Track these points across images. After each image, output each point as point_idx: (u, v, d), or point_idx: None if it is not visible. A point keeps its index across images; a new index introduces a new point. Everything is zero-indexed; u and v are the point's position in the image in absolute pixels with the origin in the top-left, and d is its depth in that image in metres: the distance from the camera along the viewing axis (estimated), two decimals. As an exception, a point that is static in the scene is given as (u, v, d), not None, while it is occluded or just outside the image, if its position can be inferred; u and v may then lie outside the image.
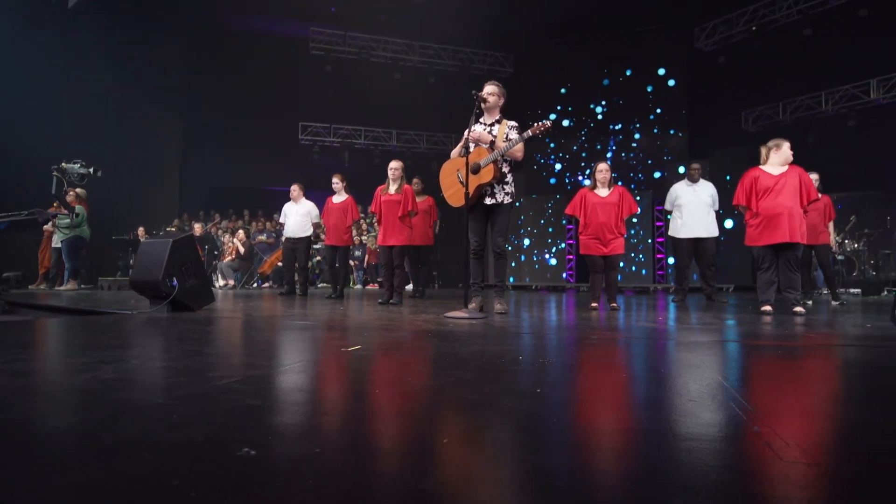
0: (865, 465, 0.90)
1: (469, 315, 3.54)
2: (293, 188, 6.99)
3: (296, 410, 1.22)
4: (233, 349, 2.25)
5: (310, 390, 1.45)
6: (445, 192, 4.17)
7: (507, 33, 12.54)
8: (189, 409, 1.17)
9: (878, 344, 2.42)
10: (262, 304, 4.92)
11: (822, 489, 0.79)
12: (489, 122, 4.13)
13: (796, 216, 4.09)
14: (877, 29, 9.65)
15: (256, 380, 1.49)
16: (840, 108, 10.56)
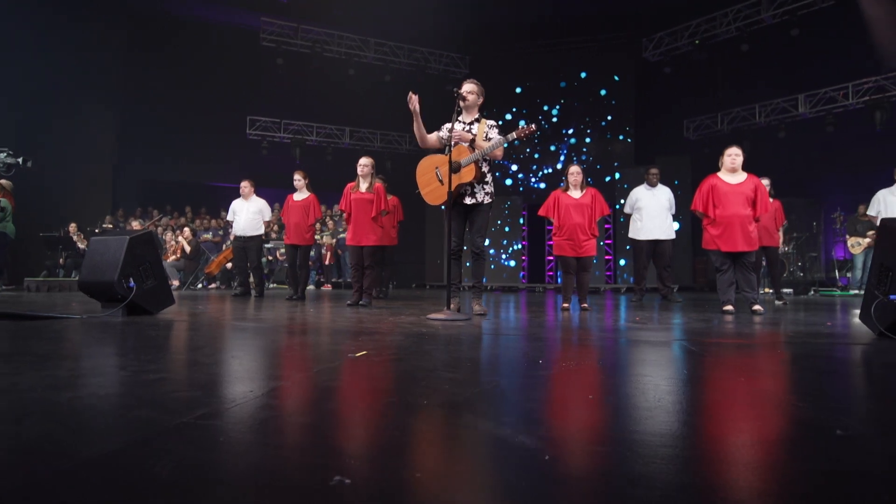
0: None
1: (453, 317, 3.49)
2: (243, 185, 6.68)
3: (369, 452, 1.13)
4: (212, 361, 2.08)
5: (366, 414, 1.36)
6: (423, 189, 4.10)
7: (463, 34, 12.59)
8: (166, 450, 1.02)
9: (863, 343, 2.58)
10: (224, 307, 4.66)
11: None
12: (468, 120, 4.09)
13: (749, 224, 4.32)
14: (806, 48, 10.43)
15: (276, 395, 1.38)
16: (772, 120, 11.32)
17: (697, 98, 12.12)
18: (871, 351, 2.28)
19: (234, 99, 12.72)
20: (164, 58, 12.48)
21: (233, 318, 3.65)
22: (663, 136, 12.49)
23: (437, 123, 14.01)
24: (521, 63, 12.66)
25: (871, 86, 10.01)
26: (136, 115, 12.85)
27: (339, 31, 12.56)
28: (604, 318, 3.93)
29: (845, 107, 10.38)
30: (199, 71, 12.48)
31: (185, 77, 12.46)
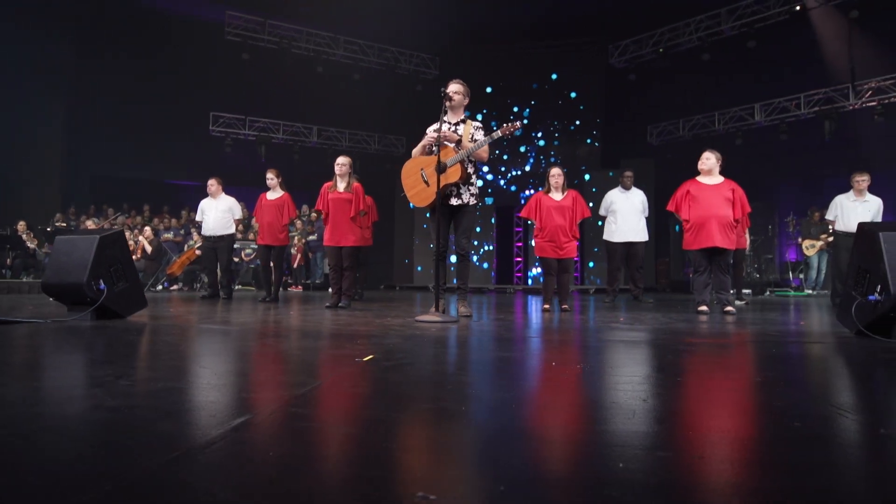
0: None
1: (442, 319, 3.46)
2: (211, 183, 6.45)
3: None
4: (216, 370, 1.99)
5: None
6: (408, 192, 4.05)
7: (434, 35, 12.56)
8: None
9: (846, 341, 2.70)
10: (197, 310, 4.47)
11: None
12: (454, 121, 4.07)
13: (726, 224, 4.48)
14: (762, 59, 10.92)
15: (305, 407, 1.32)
16: (730, 127, 11.79)
17: (661, 105, 12.49)
18: (855, 348, 2.39)
19: (197, 94, 12.28)
20: (122, 48, 11.95)
21: (212, 322, 3.50)
22: (628, 140, 12.82)
23: (408, 123, 14.17)
24: (491, 65, 12.73)
25: (821, 97, 10.58)
26: (90, 107, 12.24)
27: (307, 28, 12.32)
28: (588, 319, 3.98)
29: (797, 116, 10.92)
30: (160, 63, 11.99)
31: (144, 69, 11.95)
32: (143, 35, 11.88)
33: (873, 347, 2.43)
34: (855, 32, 10.12)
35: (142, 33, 11.88)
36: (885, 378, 1.84)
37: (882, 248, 2.57)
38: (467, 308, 4.05)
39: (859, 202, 5.62)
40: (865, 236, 2.74)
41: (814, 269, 9.41)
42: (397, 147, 14.00)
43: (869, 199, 5.62)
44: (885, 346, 2.45)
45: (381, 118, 13.35)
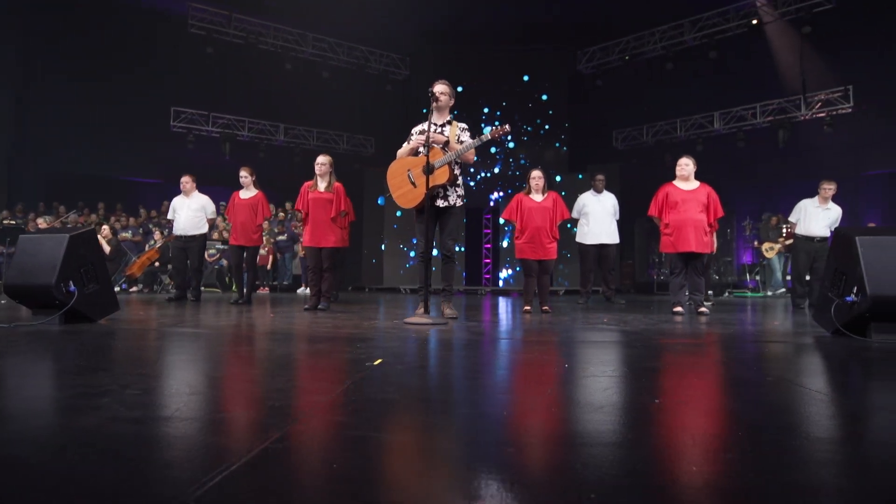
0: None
1: (432, 321, 3.44)
2: (185, 180, 6.21)
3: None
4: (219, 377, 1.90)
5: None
6: (394, 192, 4.01)
7: (404, 35, 12.50)
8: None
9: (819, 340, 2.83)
10: (171, 313, 4.29)
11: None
12: (440, 122, 4.05)
13: (701, 228, 4.64)
14: (722, 69, 11.37)
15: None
16: (691, 134, 12.22)
17: (626, 110, 12.84)
18: (835, 346, 2.51)
19: (158, 88, 11.81)
20: (76, 38, 11.35)
21: (194, 326, 3.36)
22: (594, 144, 13.11)
23: (377, 123, 14.07)
24: (461, 67, 12.74)
25: (776, 107, 11.10)
26: (40, 99, 11.59)
27: (274, 24, 12.04)
28: (573, 320, 4.03)
29: (754, 125, 11.43)
30: (118, 55, 11.46)
31: (100, 61, 11.40)
32: (100, 25, 11.34)
33: (852, 346, 2.56)
34: (807, 47, 10.67)
35: (98, 23, 11.33)
36: (862, 372, 1.94)
37: (859, 252, 2.71)
38: (453, 310, 4.04)
39: (822, 209, 5.91)
40: (842, 240, 2.89)
41: (777, 270, 9.85)
42: (366, 147, 13.86)
43: (831, 207, 5.91)
44: (861, 345, 2.59)
45: (350, 117, 13.20)
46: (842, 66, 10.42)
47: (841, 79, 10.38)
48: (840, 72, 10.43)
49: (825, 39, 10.36)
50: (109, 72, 11.44)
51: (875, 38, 10.00)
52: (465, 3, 11.35)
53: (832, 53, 10.54)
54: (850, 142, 10.57)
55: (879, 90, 9.95)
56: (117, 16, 11.45)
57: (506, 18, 12.15)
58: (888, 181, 10.58)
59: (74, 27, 11.39)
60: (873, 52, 10.03)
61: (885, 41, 9.85)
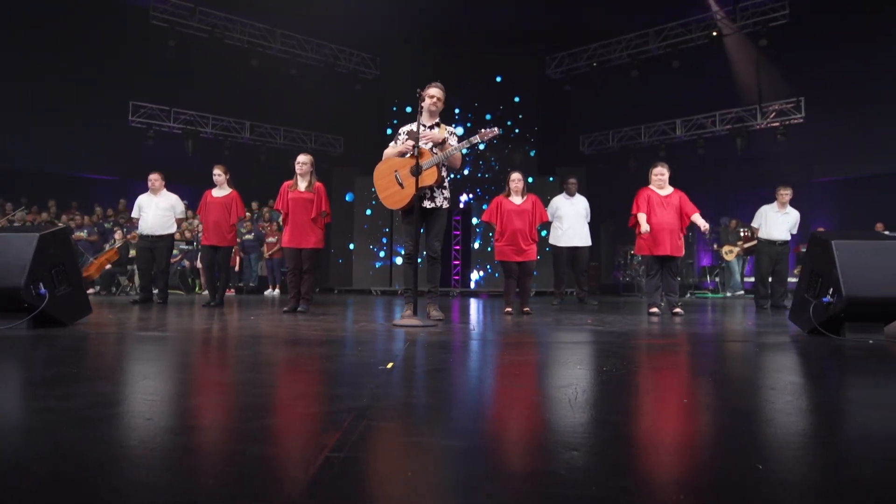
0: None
1: (422, 323, 3.42)
2: (153, 178, 5.96)
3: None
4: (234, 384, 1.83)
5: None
6: (381, 193, 3.97)
7: (374, 34, 12.40)
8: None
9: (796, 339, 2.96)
10: (146, 316, 4.10)
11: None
12: (429, 124, 4.04)
13: (676, 232, 4.79)
14: (684, 78, 11.79)
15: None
16: (654, 140, 12.61)
17: (592, 116, 13.13)
18: (813, 344, 2.64)
19: (115, 81, 11.28)
20: (30, 27, 10.73)
21: (178, 330, 3.23)
22: (562, 148, 13.35)
23: (346, 122, 13.91)
24: (431, 68, 12.71)
25: (734, 116, 11.60)
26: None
27: (241, 18, 11.72)
28: (558, 321, 4.09)
29: (713, 132, 11.90)
30: (75, 46, 10.89)
31: (54, 51, 10.81)
32: (56, 14, 10.75)
33: (829, 344, 2.69)
34: (762, 59, 11.20)
35: (54, 12, 10.75)
36: (841, 368, 2.05)
37: (835, 256, 2.86)
38: (438, 311, 4.02)
39: (781, 213, 6.20)
40: (818, 243, 3.03)
41: (736, 272, 10.28)
42: (334, 147, 13.67)
43: (789, 212, 6.22)
44: (837, 344, 2.73)
45: (319, 116, 12.98)
46: (795, 78, 10.99)
47: (794, 90, 10.94)
48: (793, 83, 10.99)
49: (780, 52, 10.91)
50: (64, 63, 10.87)
51: (826, 53, 10.58)
52: (435, 5, 11.36)
53: (786, 66, 11.10)
54: (801, 150, 11.14)
55: (829, 102, 10.53)
56: (74, 4, 10.89)
57: (476, 22, 12.23)
58: (836, 188, 11.21)
59: (28, 16, 10.77)
60: (824, 65, 10.62)
61: (835, 56, 10.44)
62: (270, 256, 10.20)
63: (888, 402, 1.45)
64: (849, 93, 10.38)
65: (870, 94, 10.20)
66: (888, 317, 2.92)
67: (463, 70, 12.85)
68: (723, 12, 11.23)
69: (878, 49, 10.15)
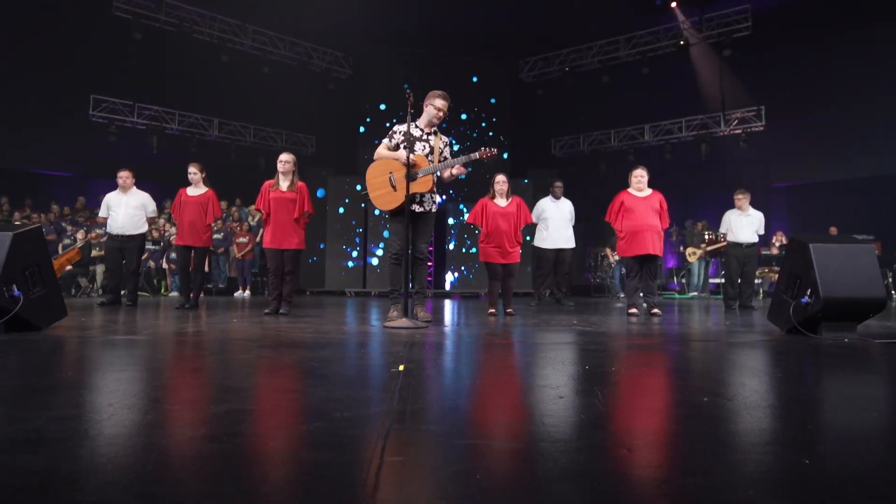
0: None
1: (413, 325, 3.41)
2: (123, 175, 5.74)
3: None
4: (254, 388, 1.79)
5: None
6: (372, 193, 3.96)
7: (348, 33, 12.28)
8: None
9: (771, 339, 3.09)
10: (123, 319, 3.94)
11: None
12: (428, 130, 4.07)
13: (656, 232, 4.93)
14: (653, 85, 12.12)
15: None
16: (623, 144, 12.93)
17: (563, 119, 13.36)
18: (792, 342, 2.77)
19: (75, 73, 10.81)
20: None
21: (162, 334, 3.12)
22: (534, 151, 13.52)
23: (318, 121, 13.77)
24: (405, 69, 12.71)
25: (699, 122, 12.00)
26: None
27: (211, 13, 11.41)
28: (549, 322, 4.14)
29: (680, 138, 12.28)
30: (32, 36, 10.38)
31: (6, 39, 10.27)
32: (13, 2, 10.21)
33: (808, 342, 2.82)
34: (726, 68, 11.63)
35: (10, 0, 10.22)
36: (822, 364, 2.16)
37: (812, 258, 3.00)
38: (426, 313, 4.02)
39: (744, 216, 6.46)
40: (797, 246, 3.18)
41: (695, 274, 10.63)
42: (306, 146, 13.46)
43: (752, 214, 6.48)
44: (815, 342, 2.86)
45: (291, 115, 12.76)
46: (756, 88, 11.46)
47: (755, 99, 11.41)
48: (754, 93, 11.46)
49: (742, 62, 11.35)
50: (20, 52, 10.35)
51: (786, 64, 11.09)
52: (410, 6, 11.34)
53: (748, 75, 11.56)
54: (761, 157, 11.63)
55: (788, 111, 11.03)
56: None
57: (451, 24, 12.27)
58: (794, 193, 11.75)
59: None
60: (784, 76, 11.11)
61: (794, 67, 10.95)
62: (242, 257, 9.96)
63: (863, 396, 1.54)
64: (806, 103, 10.91)
65: (825, 104, 10.74)
66: (860, 316, 3.08)
67: (436, 72, 12.85)
68: (689, 23, 11.62)
69: (833, 62, 10.69)
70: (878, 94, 10.31)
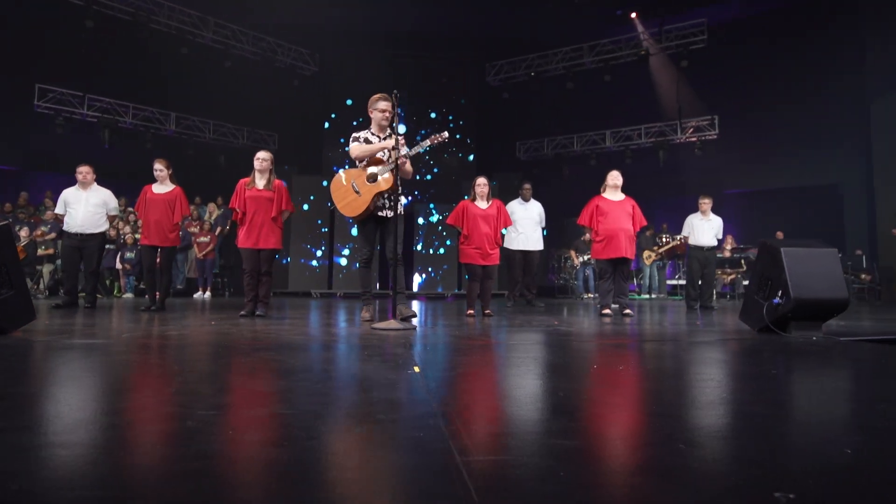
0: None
1: (402, 326, 3.40)
2: (83, 170, 5.44)
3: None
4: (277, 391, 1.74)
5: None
6: (339, 203, 4.04)
7: (314, 30, 12.09)
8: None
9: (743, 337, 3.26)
10: (95, 323, 3.74)
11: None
12: (382, 136, 4.11)
13: (629, 236, 5.10)
14: (614, 92, 12.50)
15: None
16: (585, 149, 13.27)
17: (528, 123, 13.59)
18: (764, 341, 2.93)
19: (19, 60, 10.16)
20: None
21: (147, 337, 2.98)
22: (499, 154, 13.69)
23: (281, 118, 13.67)
24: (373, 69, 12.61)
25: (657, 129, 12.47)
26: None
27: (169, 2, 10.97)
28: (531, 322, 4.21)
29: (639, 144, 12.72)
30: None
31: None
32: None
33: (780, 341, 2.99)
34: (683, 78, 12.14)
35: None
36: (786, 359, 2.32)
37: (783, 262, 3.18)
38: (407, 309, 4.03)
39: (705, 221, 6.76)
40: (768, 250, 3.36)
41: (646, 276, 11.02)
42: (268, 143, 13.13)
43: (712, 219, 6.80)
44: (786, 340, 3.04)
45: (253, 111, 12.41)
46: (710, 98, 12.01)
47: (709, 108, 11.96)
48: (709, 102, 12.01)
49: (698, 73, 11.88)
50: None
51: (738, 76, 11.67)
52: (378, 7, 11.26)
53: (703, 86, 12.10)
54: (714, 164, 12.19)
55: (740, 121, 11.63)
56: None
57: (418, 25, 12.27)
58: (744, 199, 12.37)
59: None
60: (736, 87, 11.70)
61: (746, 79, 11.55)
62: (204, 257, 9.64)
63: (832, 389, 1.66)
64: (756, 114, 11.52)
65: (773, 116, 11.38)
66: (826, 316, 3.29)
67: (403, 73, 12.83)
68: (648, 33, 12.06)
69: (783, 76, 11.34)
70: (819, 107, 11.01)
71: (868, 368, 2.20)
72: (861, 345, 2.89)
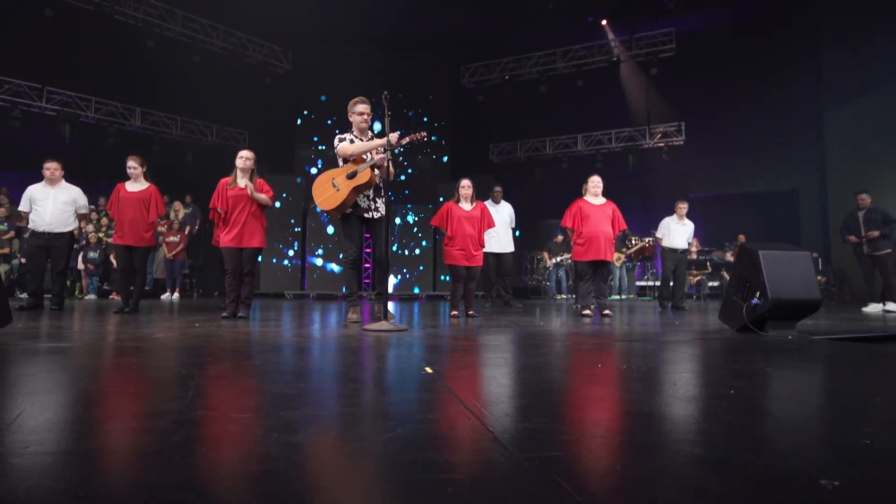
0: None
1: (393, 327, 3.40)
2: (53, 166, 5.22)
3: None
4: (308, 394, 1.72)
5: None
6: (318, 199, 4.11)
7: (287, 27, 11.88)
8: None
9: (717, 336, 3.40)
10: (76, 326, 3.59)
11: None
12: (363, 138, 4.17)
13: (609, 239, 5.23)
14: (586, 97, 12.75)
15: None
16: (558, 153, 13.49)
17: (502, 126, 13.72)
18: (743, 339, 3.06)
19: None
20: None
21: (132, 339, 2.89)
22: (472, 156, 13.76)
23: (252, 116, 13.47)
24: (347, 69, 12.51)
25: (627, 134, 12.79)
26: None
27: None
28: (518, 322, 4.26)
29: (610, 149, 13.01)
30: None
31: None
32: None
33: (757, 339, 3.13)
34: (652, 85, 12.49)
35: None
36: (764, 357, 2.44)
37: (761, 264, 3.33)
38: (391, 314, 4.03)
39: (680, 225, 7.00)
40: (747, 253, 3.51)
41: (616, 278, 11.31)
42: (238, 142, 12.84)
43: (686, 223, 7.04)
44: (764, 339, 3.19)
45: (222, 108, 12.11)
46: (677, 105, 12.40)
47: (676, 115, 12.35)
48: (676, 109, 12.40)
49: (667, 81, 12.25)
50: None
51: (705, 85, 12.08)
52: (353, 5, 11.17)
53: (671, 93, 12.49)
54: (680, 169, 12.59)
55: (705, 127, 12.04)
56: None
57: (393, 25, 12.22)
58: (708, 203, 12.81)
59: None
60: (702, 95, 12.11)
61: (712, 88, 11.97)
62: (174, 257, 9.36)
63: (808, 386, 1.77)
64: (720, 122, 11.95)
65: (736, 123, 11.84)
66: (800, 316, 3.46)
67: (377, 74, 12.76)
68: (619, 41, 12.36)
69: (746, 86, 11.81)
70: (778, 116, 11.53)
71: (845, 364, 2.33)
72: (833, 342, 3.06)
